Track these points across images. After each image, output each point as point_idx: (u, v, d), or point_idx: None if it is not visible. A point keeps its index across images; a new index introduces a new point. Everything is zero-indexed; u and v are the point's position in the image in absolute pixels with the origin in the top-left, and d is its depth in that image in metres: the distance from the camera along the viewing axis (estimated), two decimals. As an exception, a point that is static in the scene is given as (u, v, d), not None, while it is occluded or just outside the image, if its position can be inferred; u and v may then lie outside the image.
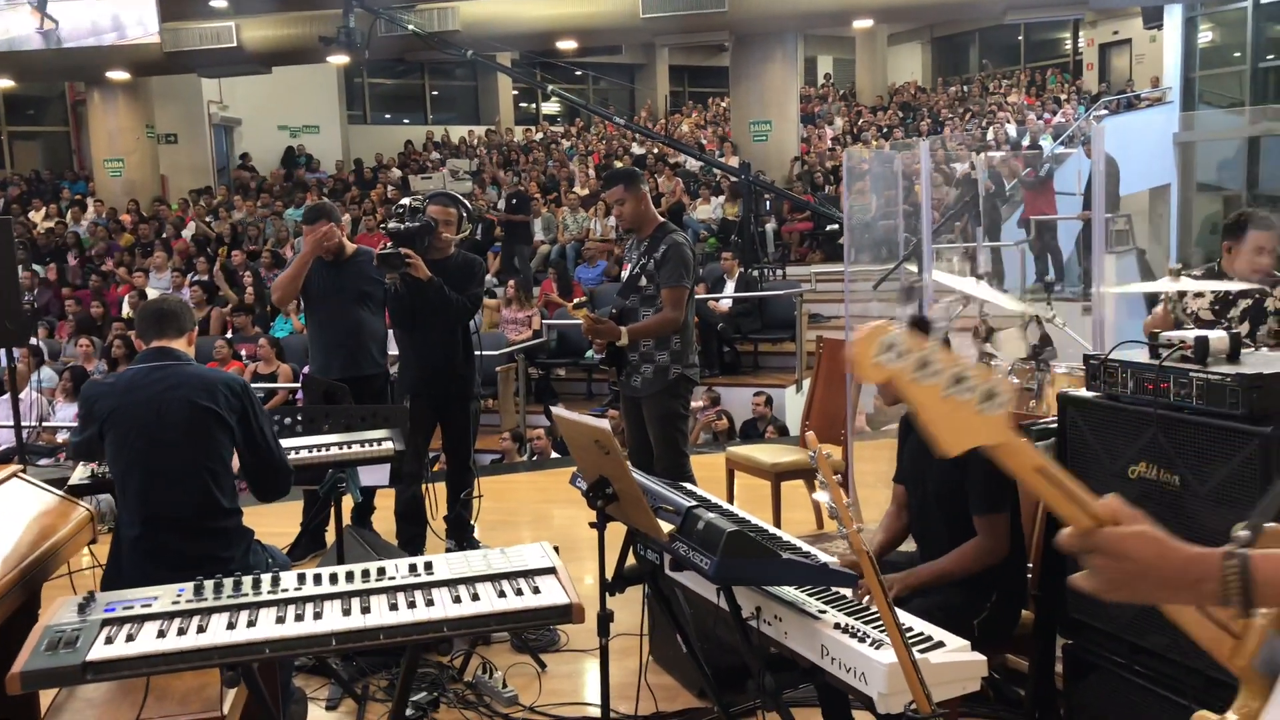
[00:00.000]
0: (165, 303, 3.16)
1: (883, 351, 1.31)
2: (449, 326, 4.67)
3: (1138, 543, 1.24)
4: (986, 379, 1.31)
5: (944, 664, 2.47)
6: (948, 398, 1.30)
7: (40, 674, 1.82)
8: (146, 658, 1.86)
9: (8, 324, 5.62)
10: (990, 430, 1.30)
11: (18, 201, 16.58)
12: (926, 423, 1.31)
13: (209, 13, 14.70)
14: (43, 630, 1.94)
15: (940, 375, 1.30)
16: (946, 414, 1.30)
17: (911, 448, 3.09)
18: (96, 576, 3.21)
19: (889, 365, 1.30)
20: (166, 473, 2.91)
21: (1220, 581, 1.20)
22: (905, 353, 1.30)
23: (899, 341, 1.30)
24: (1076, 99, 18.22)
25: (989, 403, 1.30)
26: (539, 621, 2.06)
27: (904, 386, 1.30)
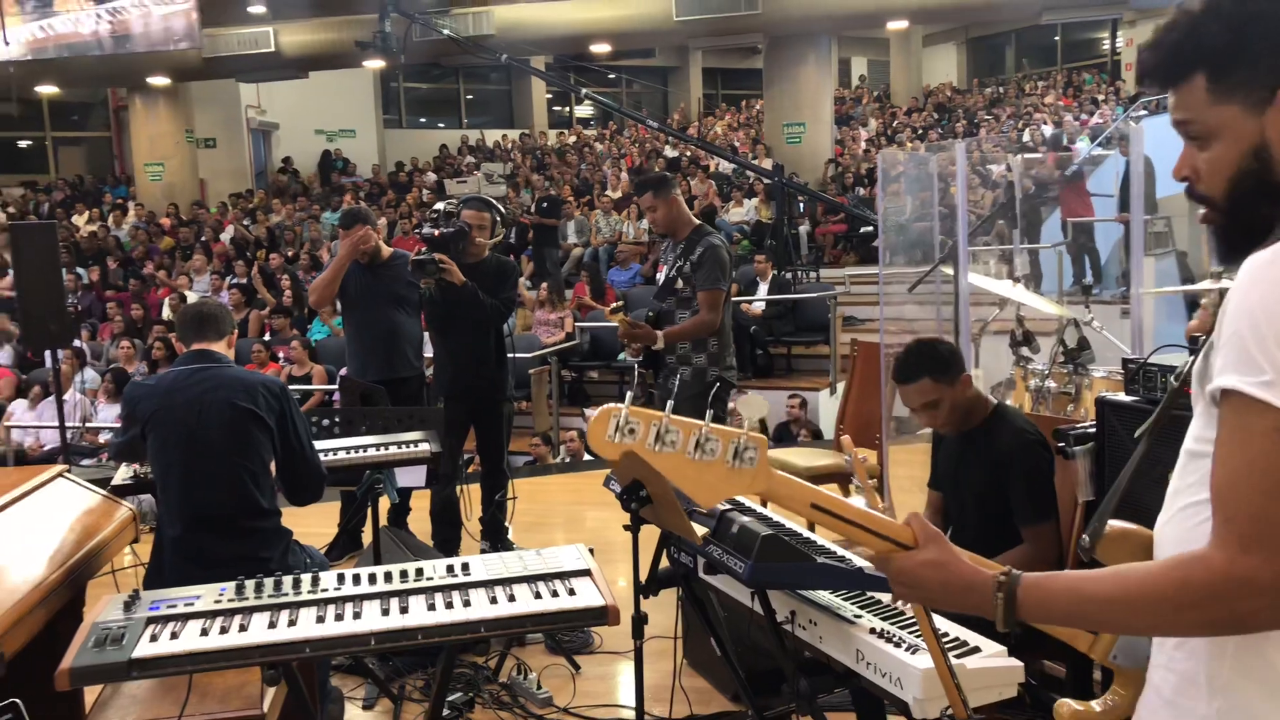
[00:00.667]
0: (205, 306, 3.21)
1: (613, 431, 1.37)
2: (482, 330, 4.70)
3: (925, 570, 1.38)
4: (732, 438, 1.38)
5: (980, 669, 2.45)
6: (693, 461, 1.36)
7: (87, 670, 1.86)
8: (190, 655, 1.89)
9: (52, 326, 5.74)
10: (748, 482, 1.39)
11: (61, 206, 16.87)
12: (678, 484, 1.40)
13: (247, 18, 14.89)
14: (90, 627, 1.98)
15: (679, 443, 1.37)
16: (695, 475, 1.38)
17: (947, 453, 3.08)
18: (138, 575, 3.26)
19: (622, 443, 1.37)
20: (207, 473, 2.96)
21: (990, 605, 1.34)
22: (633, 429, 1.36)
23: (624, 419, 1.37)
24: (1115, 99, 18.00)
25: (738, 459, 1.38)
26: (575, 623, 2.07)
27: (646, 457, 1.38)
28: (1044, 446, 2.86)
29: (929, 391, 2.92)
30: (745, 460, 1.38)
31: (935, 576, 1.37)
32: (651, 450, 1.37)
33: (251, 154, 19.93)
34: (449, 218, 4.63)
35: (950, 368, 2.92)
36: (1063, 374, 4.06)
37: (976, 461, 2.91)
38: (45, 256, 5.79)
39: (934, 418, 2.95)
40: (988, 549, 2.88)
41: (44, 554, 2.78)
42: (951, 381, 2.91)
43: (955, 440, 3.04)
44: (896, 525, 1.42)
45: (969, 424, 3.00)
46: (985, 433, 2.95)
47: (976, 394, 2.99)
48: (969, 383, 2.96)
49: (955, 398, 2.92)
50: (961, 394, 2.93)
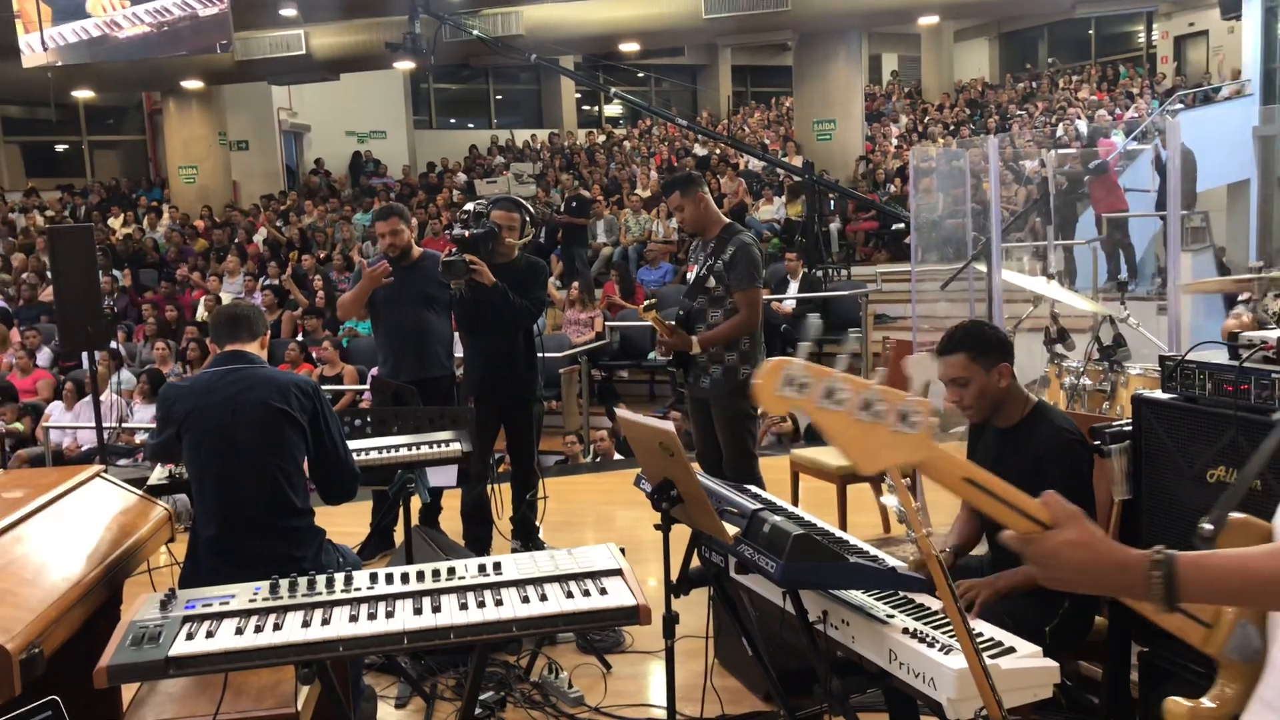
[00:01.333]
0: (238, 308, 3.24)
1: (784, 385, 1.33)
2: (512, 330, 4.71)
3: (1071, 550, 1.33)
4: (898, 401, 1.35)
5: (1015, 670, 2.43)
6: (859, 421, 1.33)
7: (125, 668, 1.88)
8: (225, 654, 1.91)
9: (89, 328, 5.81)
10: (908, 448, 1.35)
11: (98, 209, 17.09)
12: (840, 445, 1.36)
13: (279, 21, 15.01)
14: (127, 626, 2.00)
15: (848, 401, 1.33)
16: (859, 437, 1.35)
17: (984, 450, 3.05)
18: (174, 574, 3.30)
19: (792, 397, 1.34)
20: (241, 473, 2.98)
21: (1145, 586, 1.30)
22: (805, 384, 1.32)
23: (799, 373, 1.33)
24: (1150, 93, 17.78)
25: (904, 423, 1.34)
26: (606, 623, 2.07)
27: (812, 414, 1.35)
28: (1083, 445, 2.83)
29: (961, 367, 2.92)
30: (910, 425, 1.35)
31: (1082, 557, 1.33)
32: (819, 406, 1.34)
33: (284, 156, 20.10)
34: (479, 218, 4.64)
35: (989, 351, 2.90)
36: (1098, 371, 4.01)
37: (1015, 459, 2.89)
38: (82, 259, 5.86)
39: (960, 395, 2.95)
40: (1023, 548, 2.86)
41: (82, 553, 2.81)
42: (986, 365, 2.90)
43: (993, 437, 3.01)
44: (1035, 503, 1.37)
45: (1006, 420, 2.97)
46: (1024, 430, 2.92)
47: (1015, 389, 2.96)
48: (1006, 374, 2.92)
49: (985, 383, 2.90)
50: (994, 383, 2.91)
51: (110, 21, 13.32)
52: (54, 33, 13.28)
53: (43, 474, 3.43)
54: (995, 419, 3.03)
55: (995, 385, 2.92)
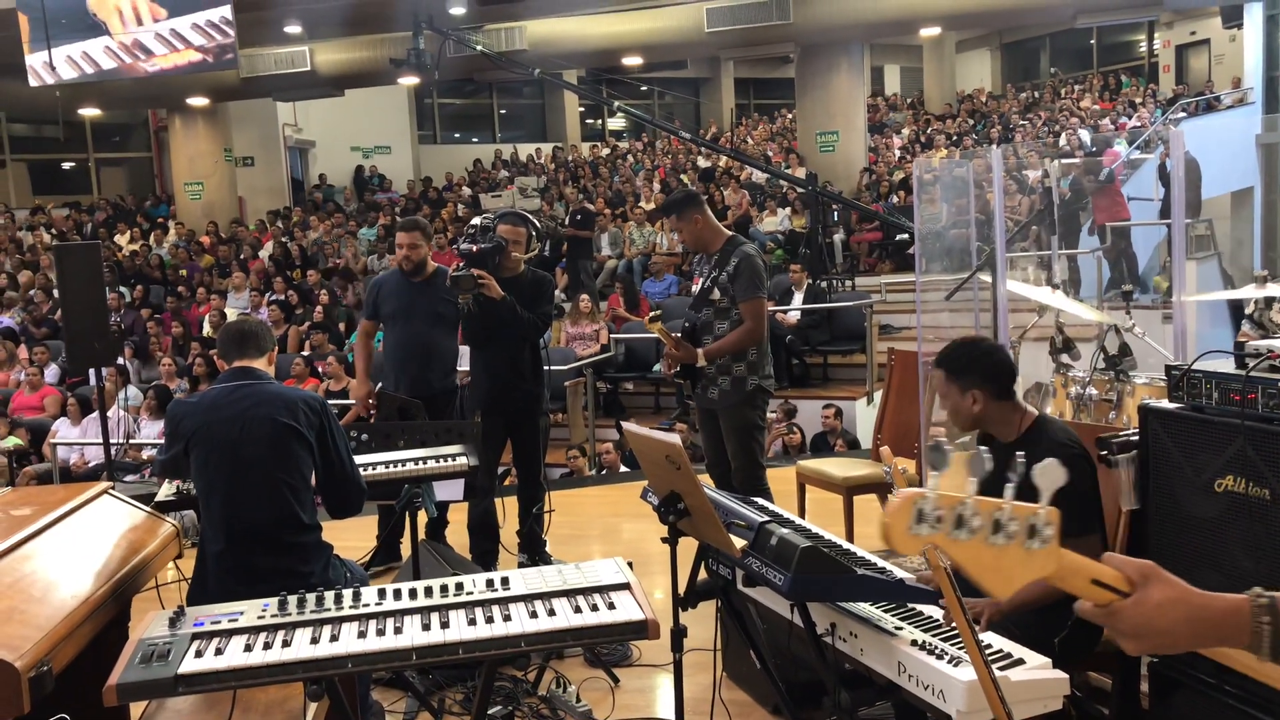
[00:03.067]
0: (246, 324, 3.25)
1: (917, 522, 1.29)
2: (519, 343, 4.73)
3: (1162, 612, 1.23)
4: (1027, 515, 1.28)
5: (1025, 682, 2.42)
6: (991, 547, 1.27)
7: (135, 686, 1.89)
8: (234, 671, 1.91)
9: (96, 345, 5.82)
10: (1040, 563, 1.28)
11: (104, 226, 17.16)
12: (974, 576, 1.29)
13: (283, 38, 15.08)
14: (136, 644, 2.00)
15: (980, 528, 1.28)
16: (992, 563, 1.28)
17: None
18: (181, 590, 3.30)
19: (926, 535, 1.29)
20: (249, 489, 2.99)
21: (1253, 636, 1.20)
22: (940, 517, 1.28)
23: (930, 506, 1.29)
24: (1153, 102, 17.80)
25: (1034, 539, 1.27)
26: (614, 638, 2.07)
27: (946, 550, 1.29)
28: (1085, 459, 2.82)
29: (940, 382, 2.94)
30: (1041, 540, 1.28)
31: (1176, 615, 1.23)
32: (952, 541, 1.28)
33: (289, 172, 20.17)
34: (485, 232, 4.66)
35: (965, 373, 2.88)
36: (1104, 381, 4.00)
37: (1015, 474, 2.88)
38: (89, 276, 5.88)
39: (943, 405, 2.98)
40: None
41: (90, 570, 2.82)
42: (961, 387, 2.87)
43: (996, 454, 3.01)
44: (1110, 571, 1.28)
45: (1005, 435, 2.96)
46: (1023, 445, 2.91)
47: (998, 410, 2.92)
48: (980, 400, 2.86)
49: (959, 404, 2.90)
50: (966, 405, 2.87)
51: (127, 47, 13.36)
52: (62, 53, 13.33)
53: (50, 491, 3.44)
54: (995, 433, 3.02)
55: (968, 408, 2.89)
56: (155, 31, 13.23)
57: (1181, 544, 2.68)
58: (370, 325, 5.20)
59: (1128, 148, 14.21)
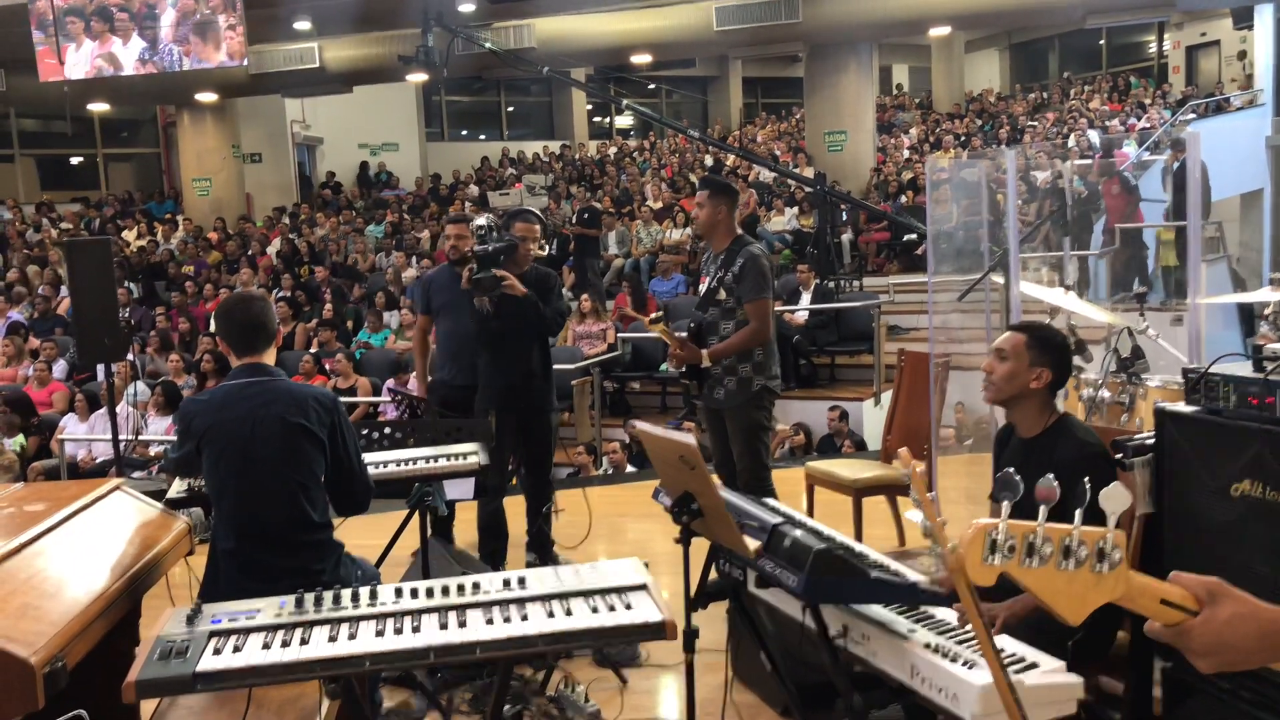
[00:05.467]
0: (251, 311, 3.15)
1: (990, 552, 1.31)
2: (531, 342, 4.73)
3: (1232, 628, 1.23)
4: (1095, 539, 1.32)
5: (1039, 685, 2.41)
6: (1062, 572, 1.31)
7: (153, 683, 1.89)
8: (253, 669, 1.91)
9: (106, 341, 5.83)
10: (1110, 585, 1.31)
11: (112, 221, 17.18)
12: (1045, 600, 1.32)
13: (292, 35, 15.09)
14: (154, 641, 2.01)
15: (1050, 555, 1.32)
16: (1063, 587, 1.32)
17: (1007, 460, 3.03)
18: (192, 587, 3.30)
19: (999, 564, 1.33)
20: (260, 487, 2.99)
21: None
22: (1012, 546, 1.32)
23: (1003, 536, 1.32)
24: (1163, 103, 17.75)
25: (1103, 562, 1.31)
26: (632, 638, 2.07)
27: (1018, 578, 1.32)
28: (1106, 459, 2.82)
29: (1012, 345, 2.96)
30: (1109, 563, 1.32)
31: (1247, 630, 1.22)
32: (1024, 568, 1.32)
33: (297, 168, 20.19)
34: (492, 231, 4.65)
35: (1045, 350, 2.94)
36: (1116, 383, 3.99)
37: (1036, 471, 2.87)
38: (100, 272, 5.89)
39: (992, 366, 2.98)
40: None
41: (104, 566, 2.82)
42: (1033, 359, 2.93)
43: (1016, 449, 3.01)
44: (1177, 590, 1.29)
45: (1029, 430, 2.96)
46: (1047, 441, 2.92)
47: (1044, 399, 2.96)
48: (1044, 379, 2.93)
49: (1020, 370, 2.93)
50: (1028, 376, 2.92)
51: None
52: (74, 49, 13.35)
53: (63, 487, 3.44)
54: (1018, 426, 3.02)
55: (1027, 379, 2.93)
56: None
57: (1197, 549, 2.66)
58: (425, 320, 5.25)
59: (1137, 149, 14.18)
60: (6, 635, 2.27)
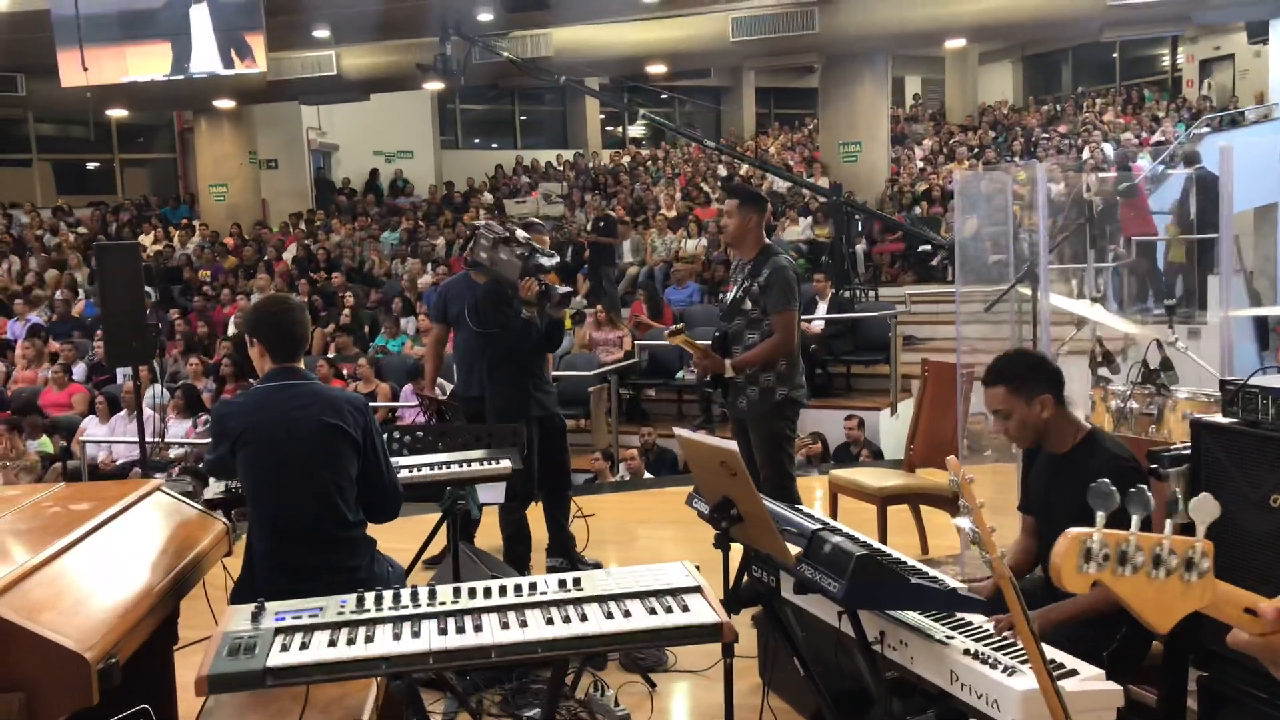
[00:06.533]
0: (294, 319, 3.17)
1: (1085, 561, 1.36)
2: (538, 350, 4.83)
3: None
4: (1185, 548, 1.35)
5: (1079, 693, 2.43)
6: (1153, 581, 1.35)
7: (224, 678, 1.92)
8: (321, 665, 1.94)
9: (134, 344, 5.89)
10: (1197, 594, 1.35)
11: (128, 226, 17.28)
12: (1135, 609, 1.36)
13: (311, 42, 15.18)
14: (220, 637, 2.04)
15: (1142, 564, 1.35)
16: (1154, 596, 1.35)
17: (1038, 476, 3.06)
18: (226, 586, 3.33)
19: (1094, 573, 1.36)
20: (296, 487, 3.02)
21: None
22: (1106, 555, 1.35)
23: (1097, 545, 1.36)
24: (1176, 116, 17.75)
25: (1192, 571, 1.35)
26: (689, 640, 2.09)
27: (1111, 586, 1.36)
28: (1138, 472, 2.84)
29: (1000, 400, 2.97)
30: (1197, 572, 1.36)
31: None
32: (1116, 577, 1.36)
33: (312, 174, 20.29)
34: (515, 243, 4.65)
35: (1028, 383, 2.93)
36: (1144, 394, 4.01)
37: (1069, 486, 2.90)
38: (128, 275, 5.95)
39: (1004, 427, 2.99)
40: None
41: (150, 565, 2.85)
42: (1026, 398, 2.94)
43: (1046, 463, 3.03)
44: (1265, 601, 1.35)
45: (1059, 446, 2.98)
46: (1077, 457, 2.93)
47: (1061, 418, 2.97)
48: (1048, 405, 2.94)
49: (1026, 415, 2.95)
50: (1035, 414, 2.93)
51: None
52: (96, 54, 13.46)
53: (104, 487, 3.48)
54: (1047, 444, 3.04)
55: (1036, 416, 2.94)
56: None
57: (1234, 560, 2.68)
58: (441, 330, 5.27)
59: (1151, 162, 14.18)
60: (61, 630, 2.31)
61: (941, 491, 4.97)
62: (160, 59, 13.71)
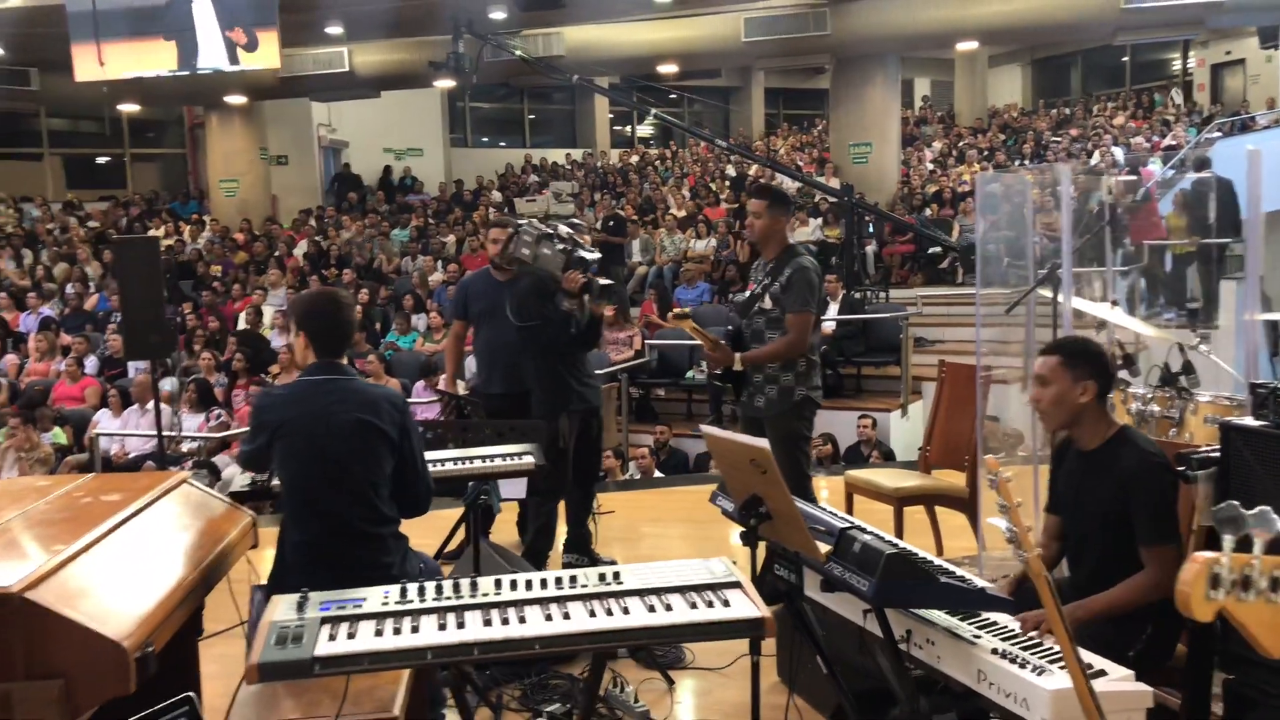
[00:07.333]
0: (343, 316, 3.19)
1: (1213, 587, 1.37)
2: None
3: None
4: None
5: (1108, 693, 2.44)
6: (1271, 603, 1.36)
7: (274, 666, 1.94)
8: (368, 654, 1.96)
9: (153, 338, 5.91)
10: None
11: (138, 220, 17.32)
12: (1252, 633, 1.36)
13: (323, 39, 15.20)
14: (268, 626, 2.05)
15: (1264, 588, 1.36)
16: (1271, 619, 1.36)
17: (1067, 475, 3.07)
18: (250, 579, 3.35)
19: (1223, 599, 1.37)
20: (331, 482, 3.04)
21: None
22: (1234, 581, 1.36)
23: (1225, 570, 1.36)
24: (1187, 120, 17.74)
25: None
26: (731, 635, 2.10)
27: (1233, 613, 1.36)
28: (1170, 469, 2.85)
29: (1050, 369, 2.99)
30: None
31: None
32: (1239, 602, 1.37)
33: (322, 171, 20.31)
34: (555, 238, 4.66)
35: (1082, 364, 2.96)
36: (1165, 397, 4.02)
37: (1099, 483, 2.91)
38: (147, 270, 5.97)
39: (1040, 395, 3.02)
40: (1110, 572, 2.87)
41: (180, 556, 2.88)
42: (1074, 376, 2.95)
43: (1075, 460, 3.04)
44: None
45: (1089, 442, 2.99)
46: (1108, 453, 2.94)
47: (1097, 411, 2.98)
48: (1090, 391, 2.95)
49: (1066, 391, 2.96)
50: (1074, 394, 2.95)
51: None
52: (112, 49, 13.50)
53: (133, 479, 3.50)
54: (1078, 440, 3.05)
55: (1075, 397, 2.95)
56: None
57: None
58: (460, 326, 5.28)
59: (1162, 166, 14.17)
60: (99, 619, 2.33)
61: (957, 493, 4.98)
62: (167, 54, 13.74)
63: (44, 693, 2.18)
